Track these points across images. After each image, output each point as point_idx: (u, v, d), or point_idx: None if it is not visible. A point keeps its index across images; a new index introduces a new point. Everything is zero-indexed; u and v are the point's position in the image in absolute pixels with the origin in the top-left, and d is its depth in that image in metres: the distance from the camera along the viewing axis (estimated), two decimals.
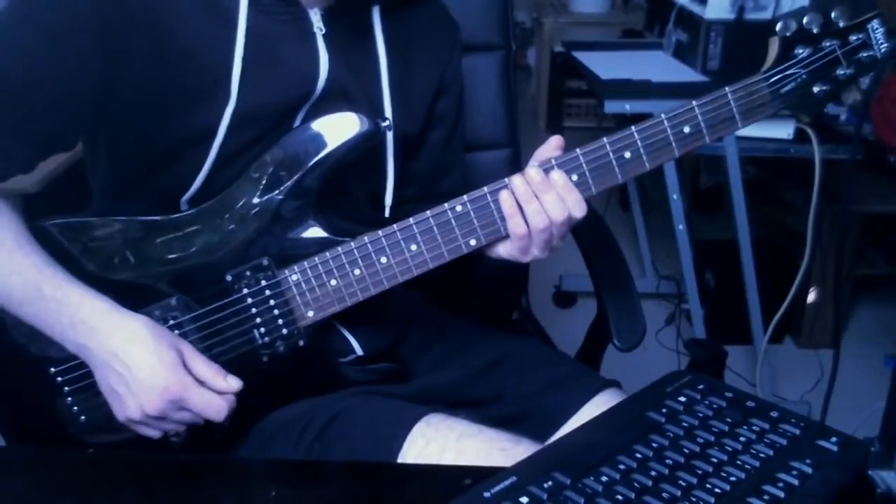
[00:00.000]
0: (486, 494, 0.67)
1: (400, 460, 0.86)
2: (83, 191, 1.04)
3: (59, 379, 0.94)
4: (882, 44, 0.89)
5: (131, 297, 0.91)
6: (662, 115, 0.89)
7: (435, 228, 0.90)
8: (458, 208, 0.90)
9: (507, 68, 1.40)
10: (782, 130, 1.99)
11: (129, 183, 0.98)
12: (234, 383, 0.91)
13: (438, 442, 0.86)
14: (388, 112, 1.00)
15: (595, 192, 0.91)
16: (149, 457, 0.90)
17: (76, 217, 0.95)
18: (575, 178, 0.89)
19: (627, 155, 0.89)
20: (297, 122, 0.95)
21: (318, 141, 0.92)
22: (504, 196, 0.89)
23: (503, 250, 0.93)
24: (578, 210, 0.89)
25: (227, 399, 0.90)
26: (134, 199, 0.97)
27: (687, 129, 0.89)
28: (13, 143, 0.91)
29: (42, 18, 0.87)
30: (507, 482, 0.68)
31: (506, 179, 0.89)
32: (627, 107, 1.95)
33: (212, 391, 0.90)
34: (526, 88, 4.44)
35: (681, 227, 2.12)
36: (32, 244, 0.91)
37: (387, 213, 1.03)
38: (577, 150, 0.90)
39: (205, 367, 0.91)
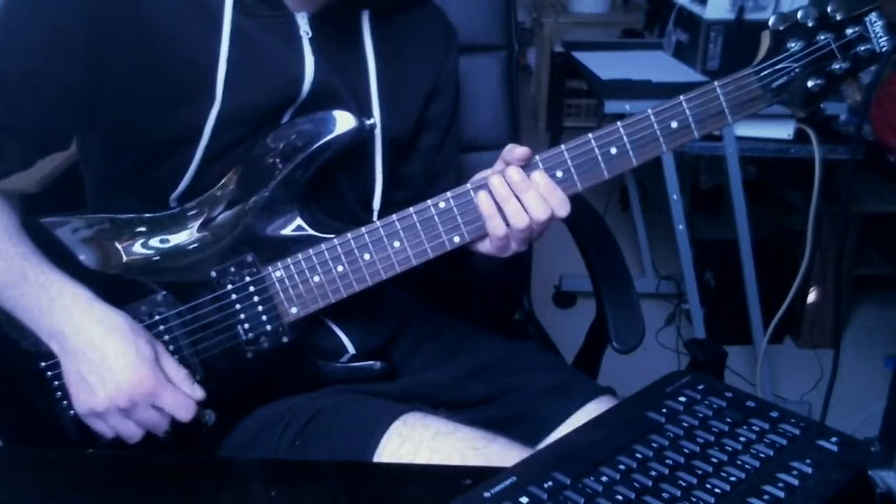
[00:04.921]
0: (486, 494, 0.67)
1: (375, 459, 0.86)
2: (82, 192, 1.05)
3: (49, 373, 0.95)
4: (881, 37, 0.86)
5: (118, 292, 0.92)
6: (649, 111, 0.88)
7: (418, 225, 0.90)
8: (442, 205, 0.90)
9: (510, 68, 1.40)
10: (782, 130, 1.99)
11: (119, 181, 0.99)
12: (198, 393, 0.92)
13: (413, 441, 0.87)
14: (377, 115, 1.00)
15: (581, 188, 0.89)
16: (147, 457, 0.90)
17: (67, 214, 0.96)
18: (560, 174, 0.88)
19: (613, 151, 0.88)
20: (283, 122, 0.96)
21: (306, 137, 0.93)
22: (482, 197, 0.88)
23: (483, 247, 0.93)
24: (562, 209, 0.88)
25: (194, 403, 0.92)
26: (124, 197, 0.98)
27: (674, 124, 0.88)
28: (10, 143, 0.92)
29: (32, 20, 0.88)
30: (507, 482, 0.68)
31: (486, 172, 0.88)
32: (627, 107, 1.95)
33: (182, 392, 0.91)
34: (526, 88, 4.43)
35: (681, 227, 2.11)
36: (22, 236, 0.92)
37: (375, 217, 1.03)
38: (562, 145, 0.88)
39: (175, 369, 0.92)
